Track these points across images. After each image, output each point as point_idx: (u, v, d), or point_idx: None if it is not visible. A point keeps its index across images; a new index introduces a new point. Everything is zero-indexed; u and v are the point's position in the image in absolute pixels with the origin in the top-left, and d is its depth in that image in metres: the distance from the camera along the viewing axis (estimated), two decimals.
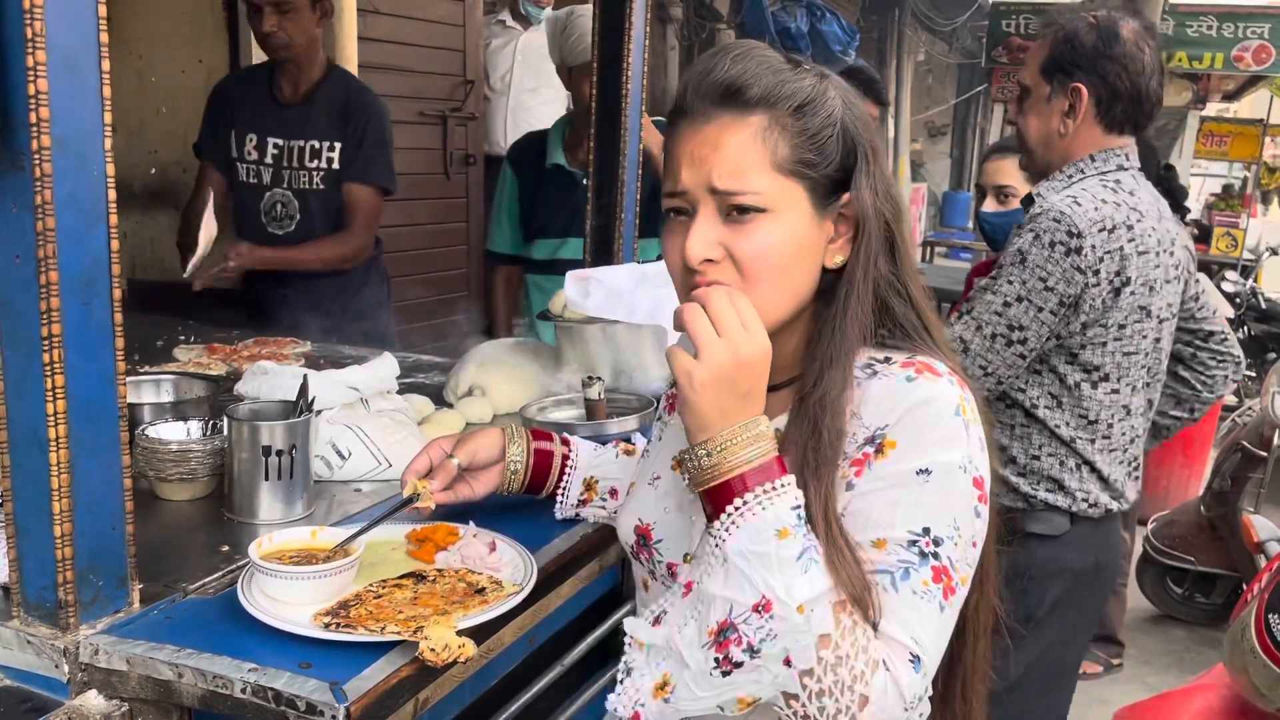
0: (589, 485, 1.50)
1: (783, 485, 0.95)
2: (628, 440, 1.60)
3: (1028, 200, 2.04)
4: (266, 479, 1.46)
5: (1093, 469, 1.98)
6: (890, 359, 1.05)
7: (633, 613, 1.80)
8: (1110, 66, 1.92)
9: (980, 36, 11.60)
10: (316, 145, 2.88)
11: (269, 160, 2.91)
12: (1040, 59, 2.02)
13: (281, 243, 2.92)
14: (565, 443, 1.51)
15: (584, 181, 2.88)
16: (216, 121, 3.00)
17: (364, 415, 1.71)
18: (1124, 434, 2.00)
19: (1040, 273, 1.86)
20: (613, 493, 1.49)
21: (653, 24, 2.42)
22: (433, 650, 1.08)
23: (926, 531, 0.97)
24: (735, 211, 1.02)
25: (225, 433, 1.51)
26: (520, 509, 1.57)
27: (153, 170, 3.47)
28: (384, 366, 1.81)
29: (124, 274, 1.19)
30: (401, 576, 1.24)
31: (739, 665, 0.92)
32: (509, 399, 2.10)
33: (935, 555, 0.96)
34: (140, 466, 1.51)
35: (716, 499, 0.96)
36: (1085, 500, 1.99)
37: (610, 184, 2.34)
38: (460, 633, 1.11)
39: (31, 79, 1.02)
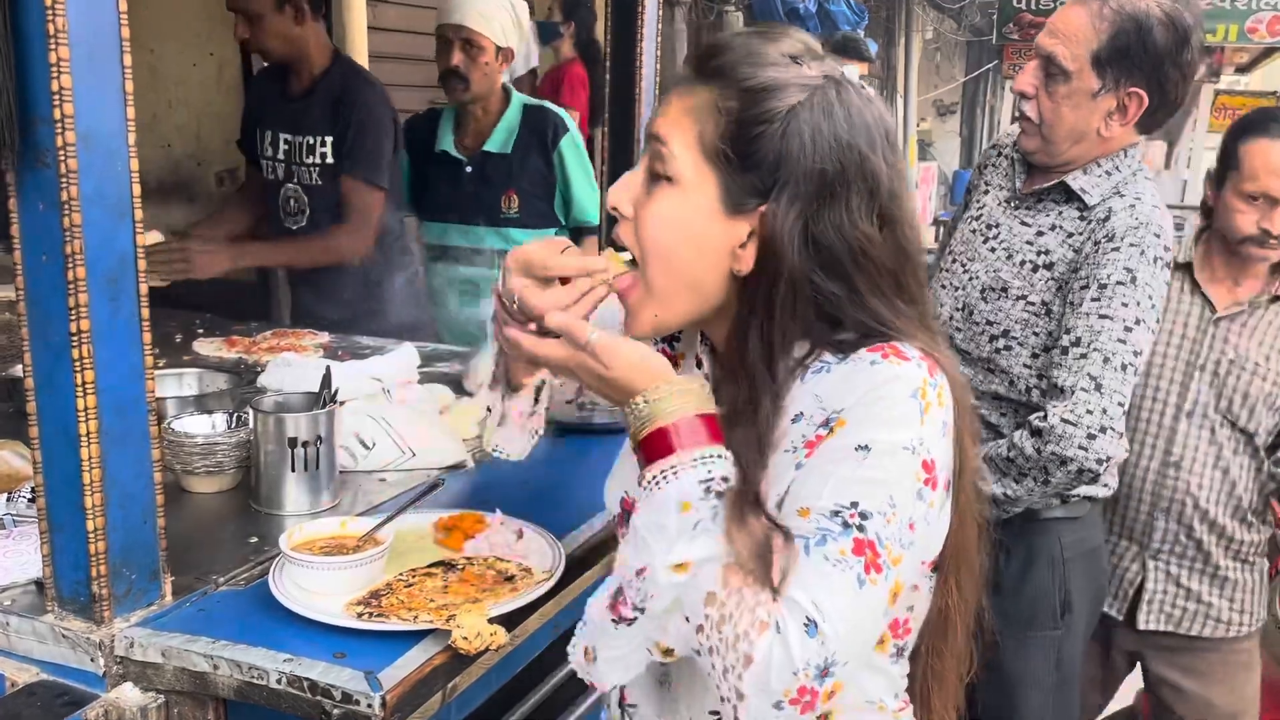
0: None
1: (702, 458, 0.95)
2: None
3: (1058, 188, 1.89)
4: (293, 470, 1.47)
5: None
6: (853, 345, 1.01)
7: None
8: (1174, 74, 1.74)
9: (990, 13, 11.50)
10: (312, 140, 2.87)
11: (281, 155, 2.92)
12: (1094, 43, 1.75)
13: (294, 237, 2.93)
14: None
15: (468, 169, 2.89)
16: (246, 118, 3.03)
17: (387, 405, 1.72)
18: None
19: (1149, 290, 1.74)
20: None
21: (662, 6, 2.40)
22: (465, 638, 1.09)
23: (854, 505, 0.92)
24: (652, 175, 1.01)
25: (251, 425, 1.52)
26: (545, 497, 1.58)
27: (166, 164, 3.48)
28: (405, 357, 1.82)
29: None
30: (431, 565, 1.25)
31: (632, 622, 0.95)
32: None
33: (860, 529, 0.92)
34: (167, 460, 1.52)
35: (649, 454, 0.97)
36: (1106, 485, 1.99)
37: (625, 169, 2.32)
38: (491, 620, 1.12)
39: (55, 75, 1.02)
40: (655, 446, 0.96)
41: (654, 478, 0.95)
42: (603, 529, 1.48)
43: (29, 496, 1.38)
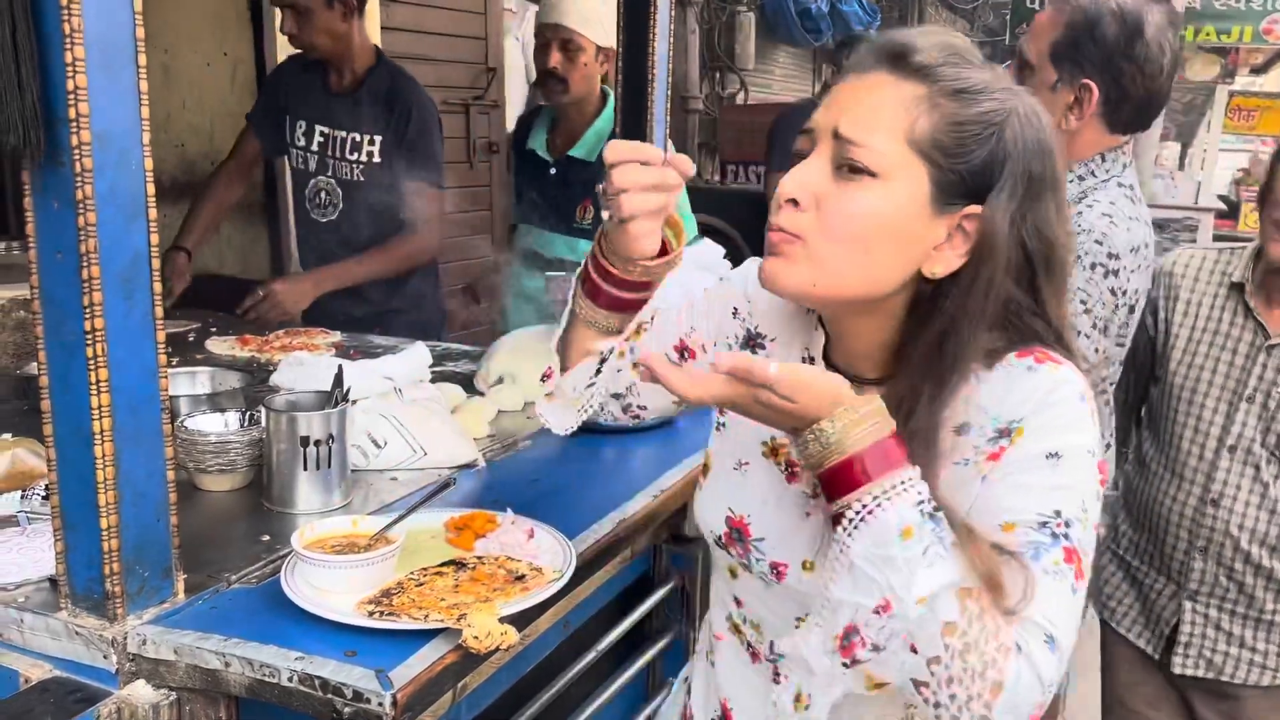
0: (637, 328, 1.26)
1: (905, 481, 0.90)
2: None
3: None
4: (305, 469, 1.47)
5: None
6: (999, 354, 1.01)
7: (688, 601, 1.82)
8: (1127, 68, 1.75)
9: (1004, 13, 11.46)
10: (358, 137, 2.89)
11: (315, 148, 2.93)
12: (1051, 38, 1.82)
13: (324, 229, 2.95)
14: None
15: (551, 171, 2.86)
16: (270, 102, 3.03)
17: (398, 404, 1.72)
18: None
19: (1080, 295, 1.73)
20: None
21: (674, 7, 2.40)
22: (476, 637, 1.09)
23: (1058, 514, 0.94)
24: (847, 168, 0.98)
25: (263, 424, 1.52)
26: (555, 497, 1.58)
27: (179, 164, 3.49)
28: (417, 356, 1.82)
29: None
30: (442, 564, 1.25)
31: (864, 661, 0.91)
32: (541, 386, 2.10)
33: (1066, 536, 0.93)
34: (179, 458, 1.52)
35: (835, 482, 0.92)
36: None
37: None
38: (502, 620, 1.12)
39: (70, 74, 1.03)
40: (849, 473, 0.91)
41: (864, 506, 0.90)
42: (614, 529, 1.48)
43: (43, 494, 1.38)
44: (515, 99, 4.95)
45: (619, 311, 1.16)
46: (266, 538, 1.40)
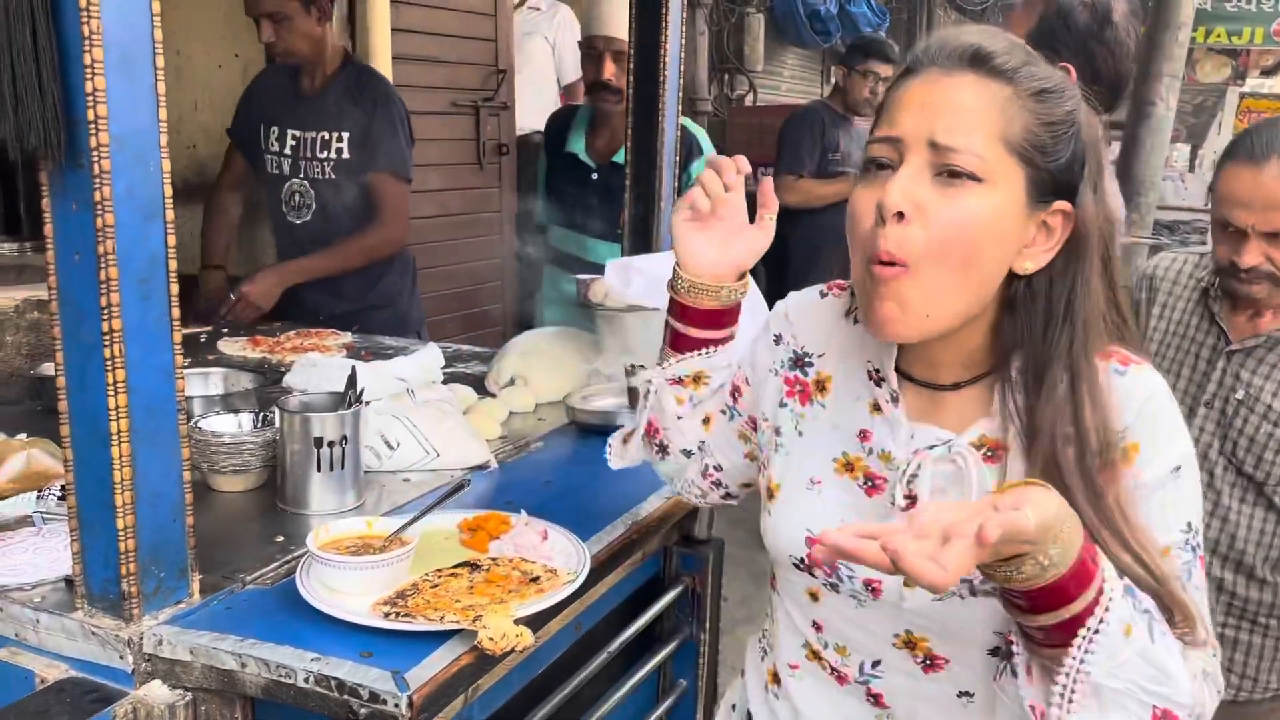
0: (696, 378, 1.25)
1: (1108, 580, 0.85)
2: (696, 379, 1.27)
3: None
4: (318, 470, 1.48)
5: None
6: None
7: (698, 603, 1.81)
8: (1099, 50, 1.88)
9: (1013, 15, 11.43)
10: (327, 135, 2.92)
11: (287, 151, 2.96)
12: (1028, 26, 1.94)
13: (300, 232, 2.96)
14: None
15: (594, 175, 2.87)
16: (246, 114, 3.07)
17: (411, 406, 1.72)
18: None
19: None
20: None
21: (685, 8, 2.40)
22: (491, 639, 1.09)
23: (1189, 526, 0.96)
24: (947, 173, 0.95)
25: (277, 425, 1.52)
26: (568, 499, 1.58)
27: (191, 165, 3.50)
28: (429, 357, 1.83)
29: None
30: (457, 565, 1.25)
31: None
32: (552, 388, 2.11)
33: (1198, 546, 0.96)
34: (193, 459, 1.53)
35: (1041, 599, 0.84)
36: None
37: (648, 172, 2.33)
38: (517, 621, 1.12)
39: (89, 76, 1.03)
40: (1063, 589, 0.83)
41: (1091, 629, 0.84)
42: (626, 531, 1.48)
43: (59, 494, 1.39)
44: (545, 99, 4.90)
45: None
46: (280, 538, 1.40)
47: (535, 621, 1.17)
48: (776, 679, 1.19)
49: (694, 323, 1.20)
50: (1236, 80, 9.55)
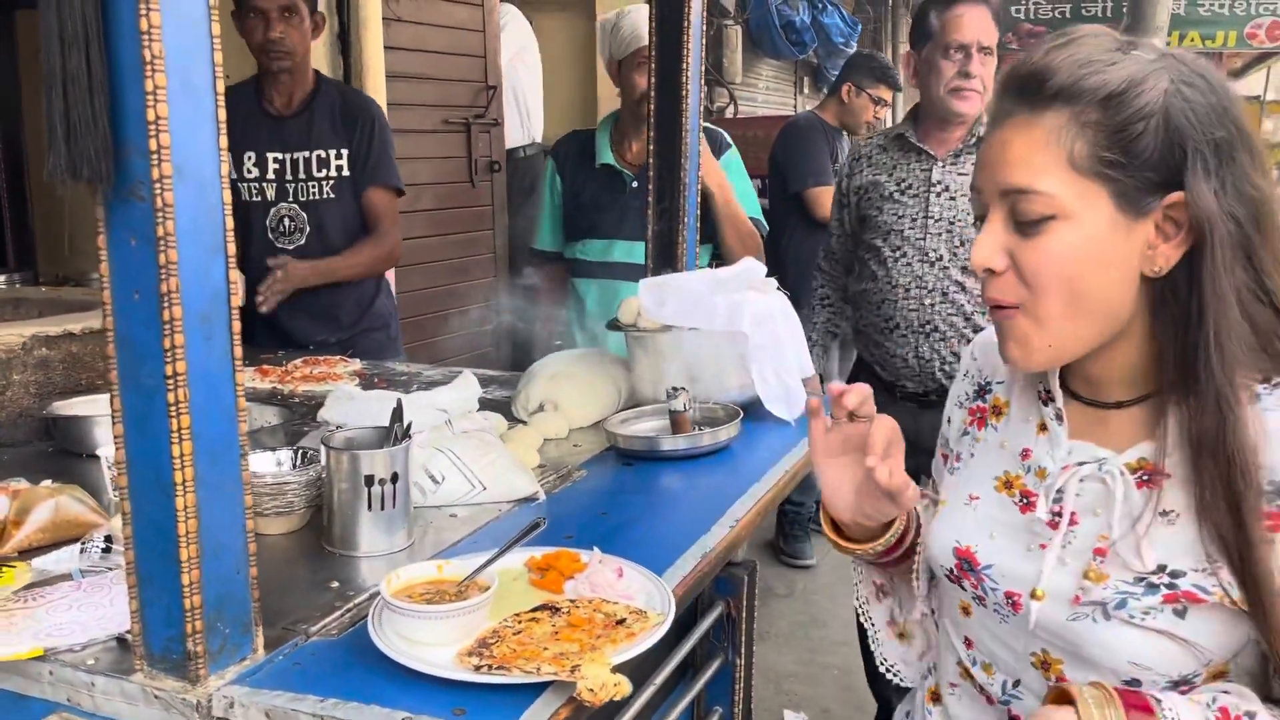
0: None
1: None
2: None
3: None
4: (369, 509, 1.41)
5: None
6: (1267, 383, 0.96)
7: (734, 627, 1.76)
8: None
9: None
10: (324, 154, 2.85)
11: (271, 175, 2.87)
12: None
13: (294, 257, 2.87)
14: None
15: (633, 184, 2.84)
16: None
17: (452, 437, 1.65)
18: None
19: None
20: None
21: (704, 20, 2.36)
22: (590, 690, 1.02)
23: None
24: (1023, 218, 0.95)
25: (322, 463, 1.45)
26: (629, 531, 1.52)
27: None
28: (467, 386, 1.77)
29: None
30: (535, 609, 1.18)
31: None
32: (583, 413, 2.05)
33: None
34: None
35: None
36: None
37: (671, 187, 2.28)
38: (613, 669, 1.06)
39: (151, 104, 0.96)
40: None
41: None
42: (697, 564, 1.42)
43: (103, 546, 1.31)
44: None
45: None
46: (335, 584, 1.33)
47: (627, 666, 1.11)
48: (937, 698, 1.20)
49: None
50: None
